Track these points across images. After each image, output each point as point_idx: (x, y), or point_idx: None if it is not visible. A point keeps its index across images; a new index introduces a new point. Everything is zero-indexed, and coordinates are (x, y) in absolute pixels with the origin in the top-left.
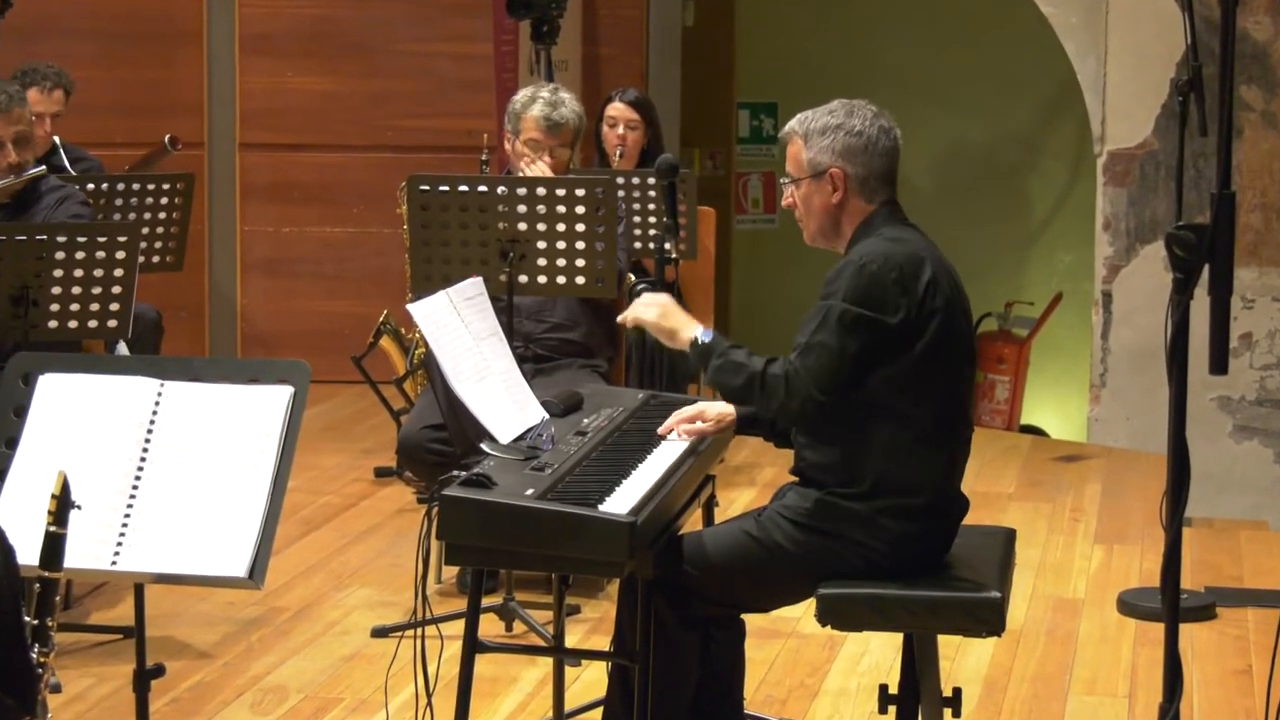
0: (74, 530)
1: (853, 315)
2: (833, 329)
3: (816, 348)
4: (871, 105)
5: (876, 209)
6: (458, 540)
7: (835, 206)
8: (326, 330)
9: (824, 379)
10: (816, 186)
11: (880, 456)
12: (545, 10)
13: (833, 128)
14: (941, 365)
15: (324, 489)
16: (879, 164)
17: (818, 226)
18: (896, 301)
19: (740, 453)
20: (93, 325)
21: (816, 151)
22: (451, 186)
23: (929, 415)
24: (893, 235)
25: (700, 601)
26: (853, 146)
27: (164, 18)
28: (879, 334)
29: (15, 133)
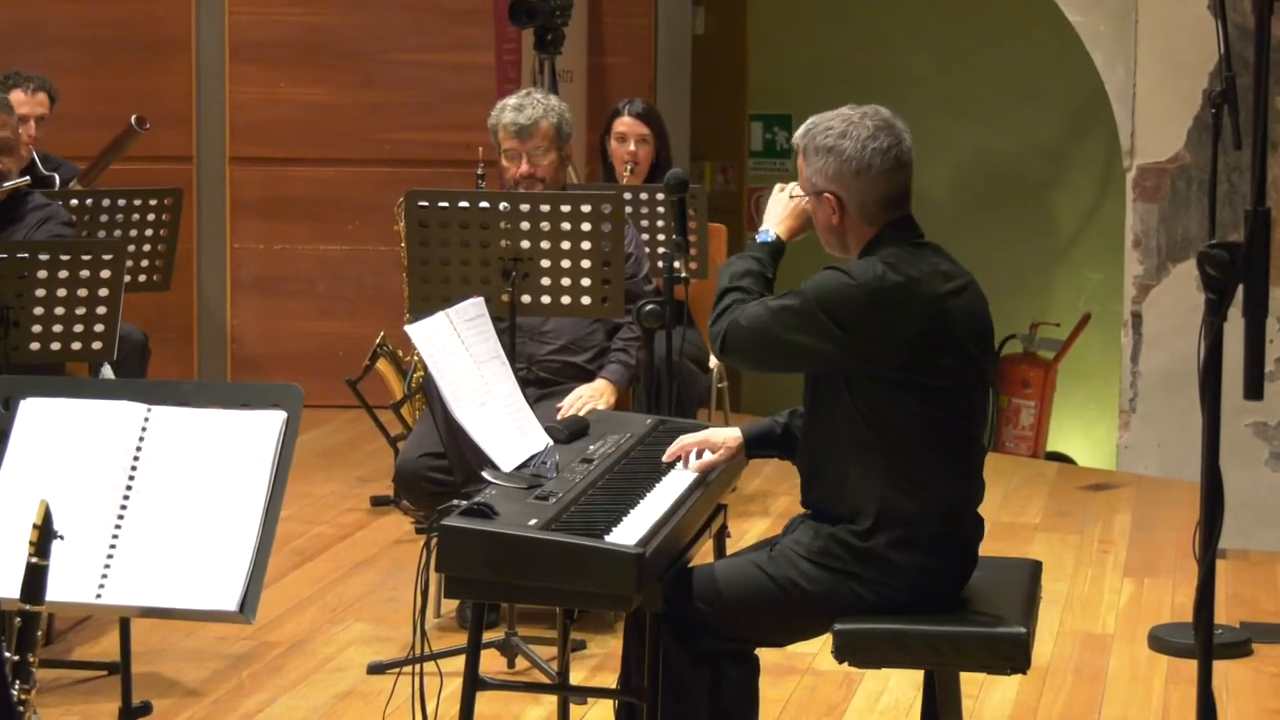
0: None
1: (808, 310)
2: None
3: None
4: (878, 117)
5: (881, 230)
6: (458, 572)
7: (837, 227)
8: (320, 352)
9: (742, 333)
10: (818, 205)
11: (880, 490)
12: (549, 18)
13: (825, 150)
14: (941, 396)
15: (318, 519)
16: (876, 188)
17: (826, 241)
18: (860, 327)
19: (753, 481)
20: (76, 347)
21: (813, 172)
22: (451, 202)
23: (934, 444)
24: (893, 260)
25: (711, 637)
26: (844, 172)
27: (150, 25)
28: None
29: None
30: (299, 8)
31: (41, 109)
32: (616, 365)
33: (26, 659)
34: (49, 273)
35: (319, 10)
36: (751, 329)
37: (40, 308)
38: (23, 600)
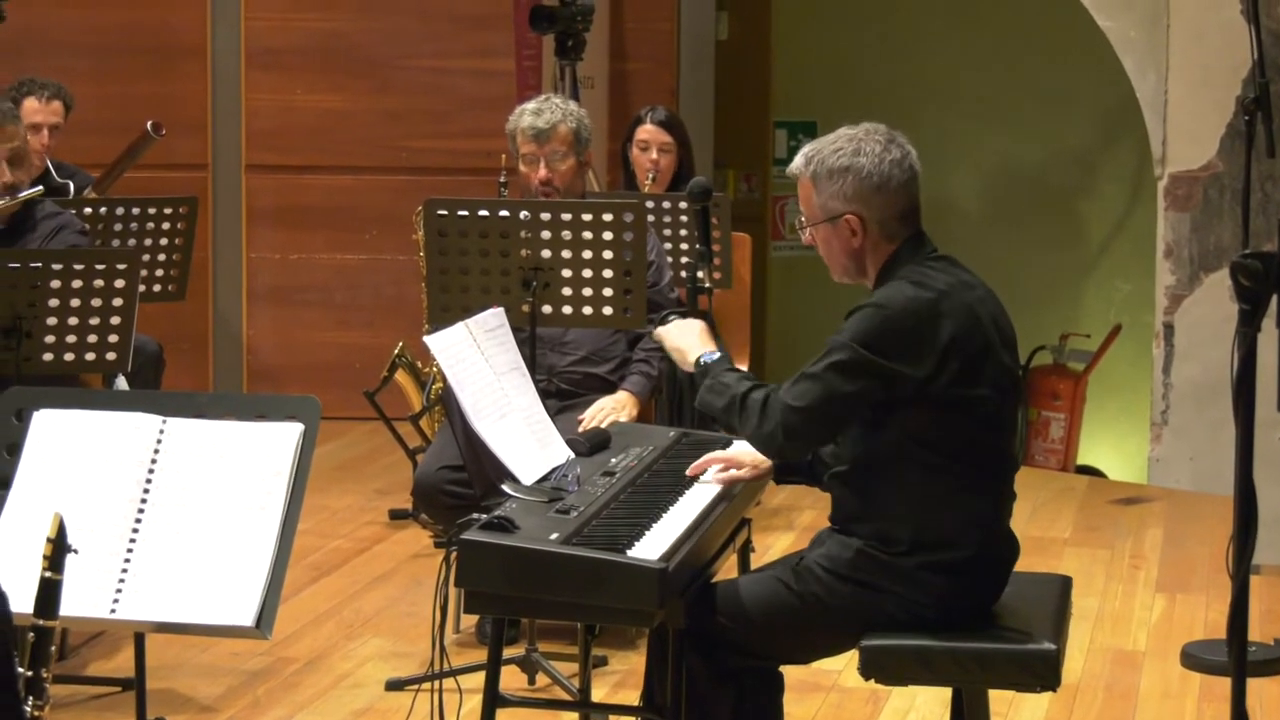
0: (71, 576)
1: (854, 356)
2: (829, 366)
3: (804, 380)
4: (880, 132)
5: (900, 246)
6: (478, 587)
7: (856, 250)
8: (338, 363)
9: (809, 415)
10: (833, 231)
11: (918, 510)
12: (570, 23)
13: (840, 170)
14: (975, 411)
15: (335, 532)
16: (896, 202)
17: (841, 267)
18: (908, 351)
19: (778, 495)
20: (90, 358)
21: (828, 197)
22: (471, 211)
23: (966, 463)
24: (917, 278)
25: (734, 653)
26: (864, 190)
27: (164, 31)
28: (882, 379)
29: (9, 150)
30: (315, 13)
31: (56, 117)
32: (638, 376)
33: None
34: (62, 283)
35: (335, 16)
36: (808, 404)
37: (54, 318)
38: (36, 615)
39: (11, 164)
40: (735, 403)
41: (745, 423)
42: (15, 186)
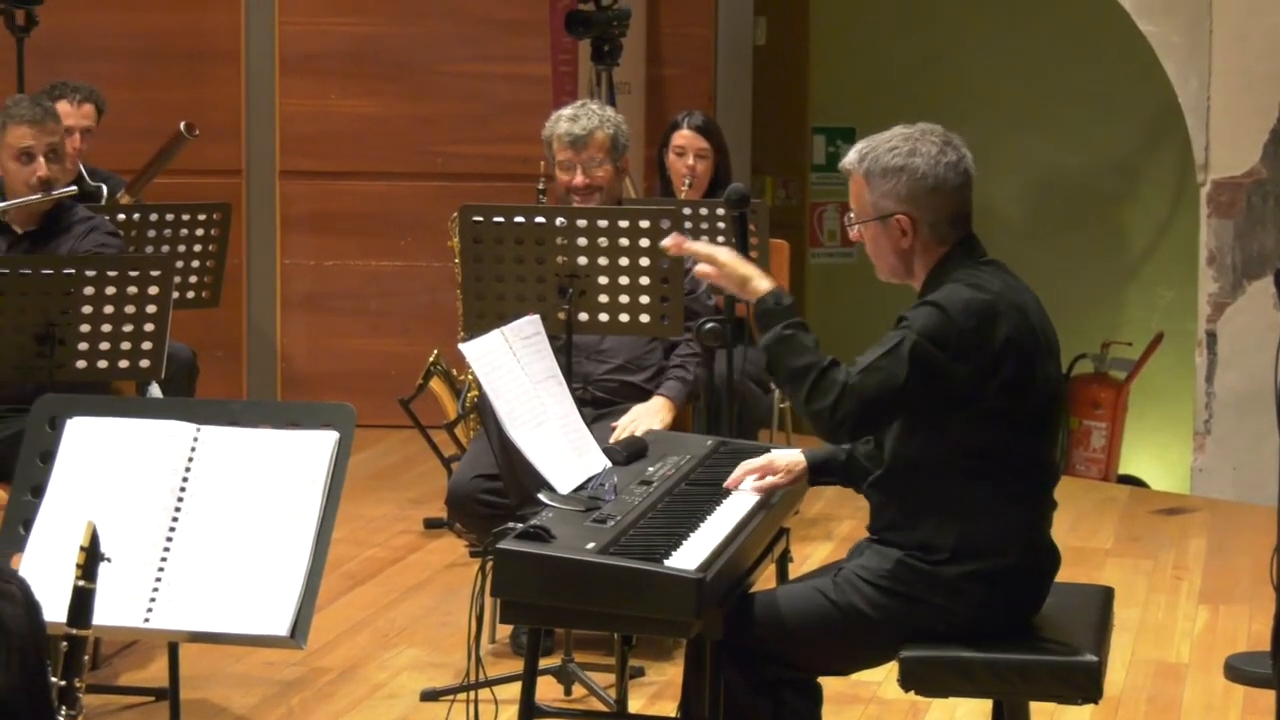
0: (104, 585)
1: (924, 351)
2: (902, 359)
3: (879, 371)
4: (937, 134)
5: (950, 249)
6: (514, 597)
7: (905, 250)
8: (372, 371)
9: (874, 405)
10: (883, 230)
11: (961, 518)
12: (606, 28)
13: (895, 170)
14: (1021, 420)
15: (370, 541)
16: (949, 205)
17: (888, 267)
18: (967, 352)
19: (815, 504)
20: (123, 365)
21: (880, 195)
22: (506, 217)
23: (1011, 471)
24: (972, 280)
25: (772, 664)
26: (918, 191)
27: (198, 36)
28: (940, 378)
29: (47, 145)
30: (350, 18)
31: (88, 121)
32: (674, 382)
33: (73, 684)
34: (96, 289)
35: (370, 21)
36: (876, 396)
37: (87, 325)
38: (69, 624)
39: (48, 160)
40: (813, 371)
41: (814, 398)
42: (51, 183)
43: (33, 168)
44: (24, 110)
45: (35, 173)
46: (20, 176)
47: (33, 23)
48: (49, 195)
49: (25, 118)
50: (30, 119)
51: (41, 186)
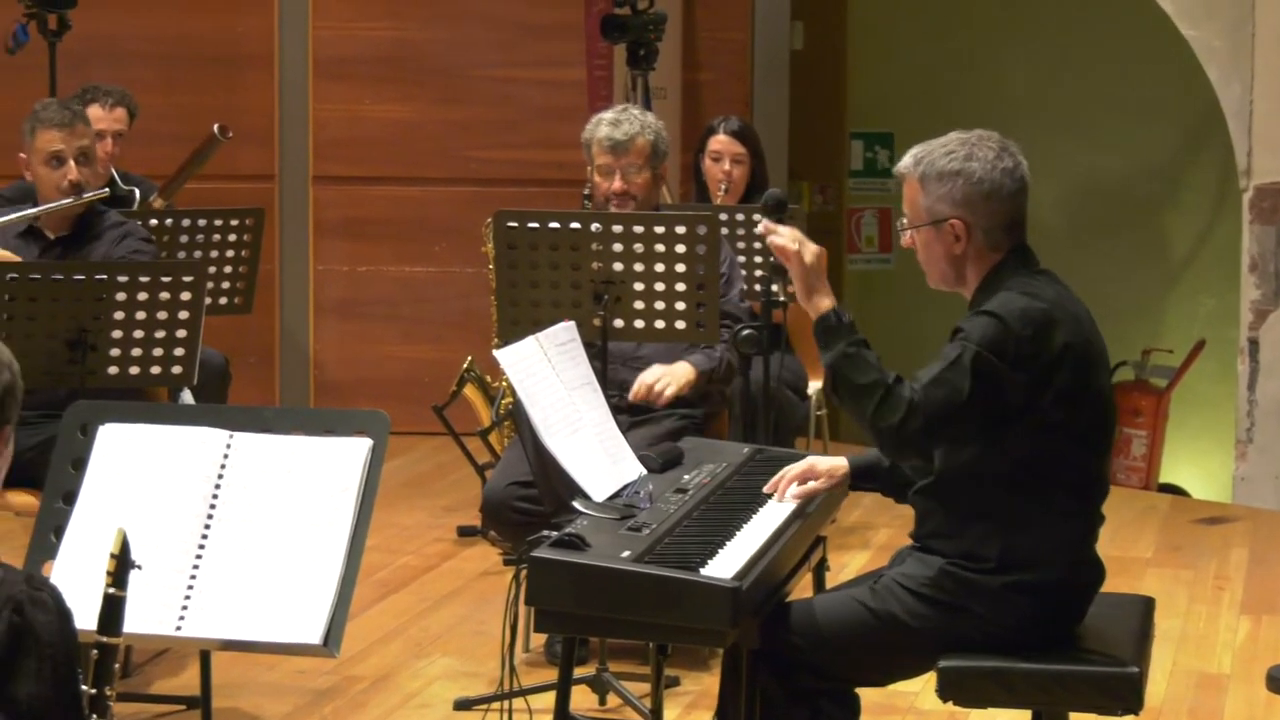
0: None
1: (985, 362)
2: (965, 371)
3: (943, 384)
4: (993, 139)
5: (1004, 257)
6: (548, 605)
7: (958, 256)
8: (405, 378)
9: (939, 419)
10: (936, 235)
11: (1009, 528)
12: (642, 33)
13: (950, 174)
14: (1074, 431)
15: (403, 549)
16: (1004, 211)
17: (939, 273)
18: (1024, 360)
19: (853, 513)
20: (155, 371)
21: (934, 199)
22: (541, 223)
23: (1062, 484)
24: (1026, 289)
25: (809, 674)
26: (973, 196)
27: (231, 40)
28: (1001, 389)
29: (78, 149)
30: (384, 22)
31: (120, 125)
32: (701, 356)
33: (103, 692)
34: (128, 295)
35: (404, 25)
36: (933, 402)
37: (119, 331)
38: (100, 631)
39: (79, 163)
40: (878, 388)
41: (881, 415)
42: (82, 186)
43: (63, 172)
44: (53, 114)
45: (66, 177)
46: (51, 181)
47: (65, 27)
48: (80, 199)
49: (54, 121)
50: (59, 122)
51: (72, 190)
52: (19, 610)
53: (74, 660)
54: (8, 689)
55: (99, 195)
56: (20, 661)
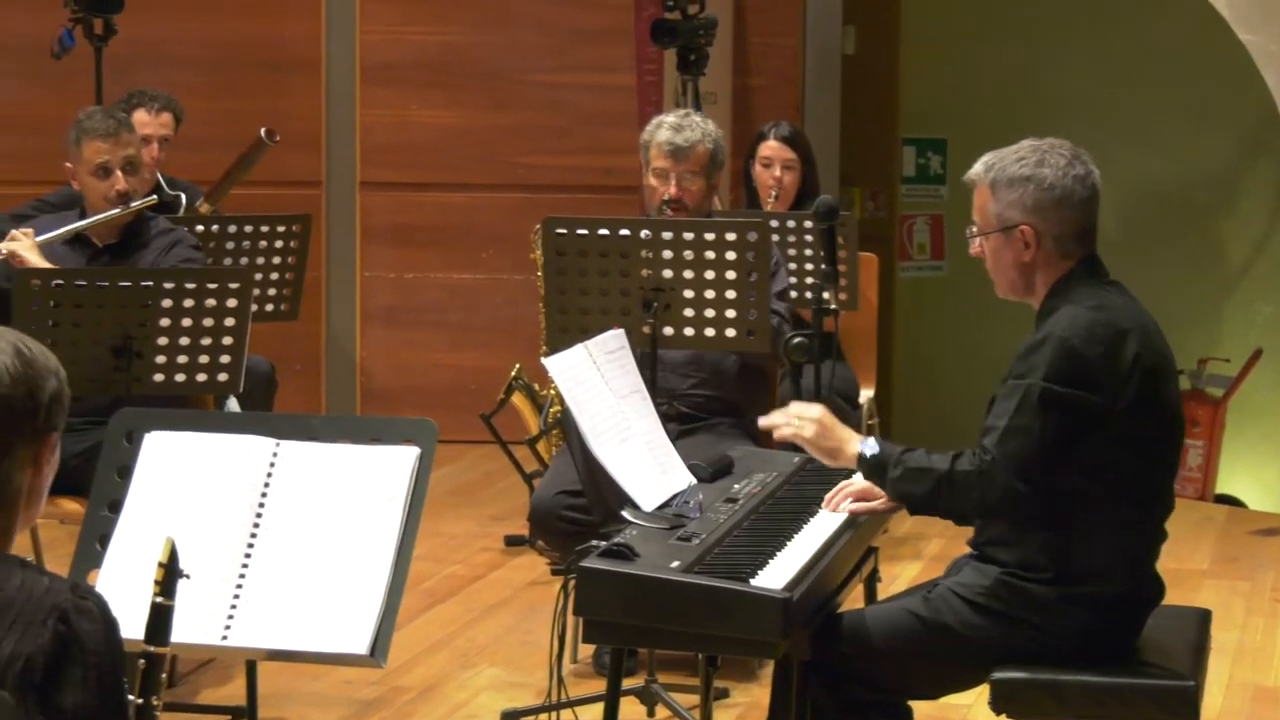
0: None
1: (1054, 395)
2: (1033, 410)
3: (1016, 432)
4: (1066, 147)
5: (1074, 266)
6: (597, 616)
7: (1027, 264)
8: (453, 385)
9: (1026, 467)
10: (1006, 242)
11: (1070, 540)
12: (692, 37)
13: (1022, 180)
14: (1142, 444)
15: (450, 558)
16: (1075, 219)
17: (1008, 282)
18: (1100, 380)
19: (905, 523)
20: (201, 379)
21: (1005, 205)
22: (590, 230)
23: (1126, 497)
24: (1095, 303)
25: (861, 686)
26: (1044, 202)
27: (278, 45)
28: (1081, 414)
29: (123, 158)
30: (431, 27)
31: (166, 129)
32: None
33: (150, 702)
34: (174, 302)
35: (452, 30)
36: (1026, 460)
37: (164, 338)
38: (147, 641)
39: (125, 173)
40: (942, 482)
41: (962, 499)
42: (129, 195)
43: (110, 182)
44: (97, 124)
45: (113, 187)
46: (99, 191)
47: (111, 32)
48: (129, 208)
49: (99, 132)
50: (104, 132)
51: (120, 200)
52: (65, 619)
53: (120, 670)
54: (54, 698)
55: (146, 204)
56: (66, 670)
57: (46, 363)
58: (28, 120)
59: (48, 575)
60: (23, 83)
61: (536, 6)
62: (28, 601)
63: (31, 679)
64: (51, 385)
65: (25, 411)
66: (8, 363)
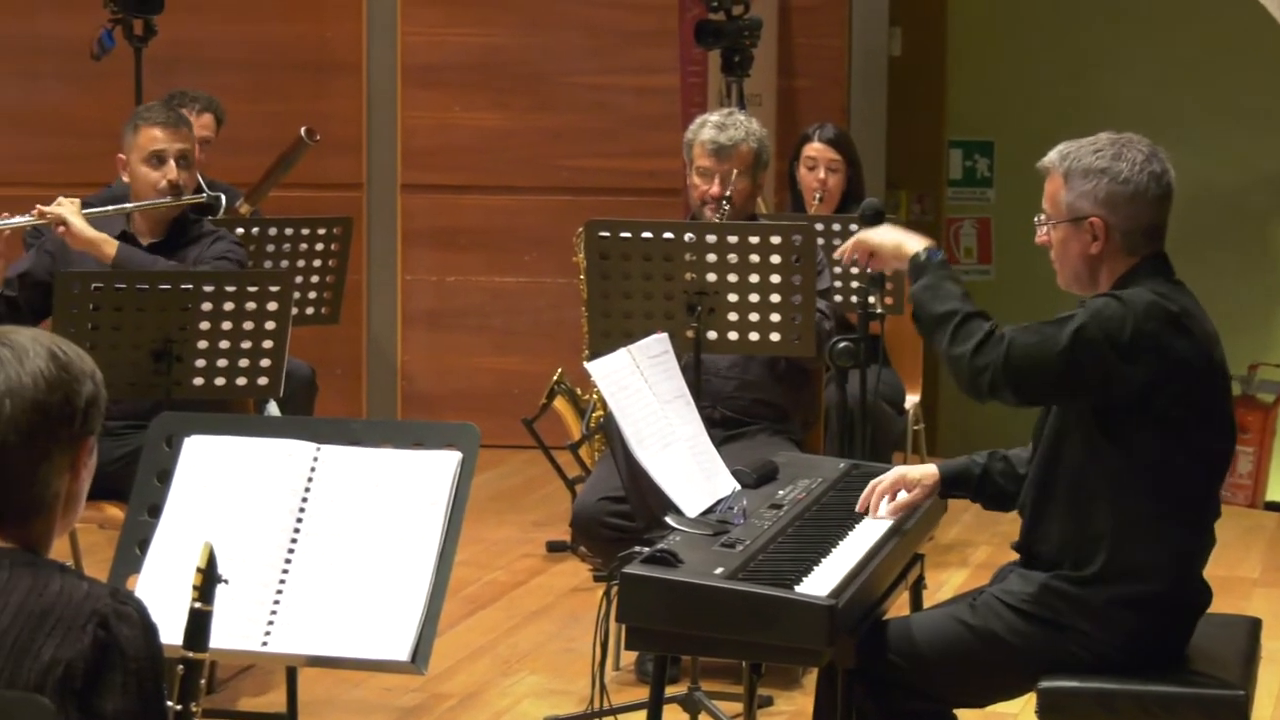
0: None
1: (1088, 332)
2: (1066, 334)
3: (1036, 333)
4: (1144, 143)
5: (1139, 263)
6: (639, 623)
7: (1094, 257)
8: (494, 390)
9: (1021, 365)
10: (1074, 232)
11: (1116, 538)
12: (737, 39)
13: (1097, 171)
14: (1191, 441)
15: (491, 564)
16: (1146, 215)
17: (1072, 273)
18: (1142, 352)
19: (951, 530)
20: (242, 383)
21: (1076, 195)
22: (634, 232)
23: (1174, 497)
24: (1161, 289)
25: (906, 694)
26: (1117, 195)
27: (320, 47)
28: (1105, 371)
29: (179, 150)
30: (474, 28)
31: (207, 131)
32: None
33: (189, 708)
34: (214, 305)
35: (494, 31)
36: (1035, 355)
37: (205, 341)
38: (185, 647)
39: (179, 165)
40: (955, 317)
41: (956, 342)
42: (180, 187)
43: (163, 171)
44: (157, 114)
45: (165, 176)
46: (150, 180)
47: (151, 32)
48: (178, 200)
49: (158, 120)
50: (163, 121)
51: (170, 191)
52: (104, 625)
53: (160, 675)
54: (94, 704)
55: (196, 199)
56: (106, 676)
57: (83, 366)
58: (67, 122)
59: (87, 580)
60: (62, 84)
61: (580, 8)
62: (67, 607)
63: (71, 685)
64: (88, 389)
65: (62, 417)
66: (43, 367)
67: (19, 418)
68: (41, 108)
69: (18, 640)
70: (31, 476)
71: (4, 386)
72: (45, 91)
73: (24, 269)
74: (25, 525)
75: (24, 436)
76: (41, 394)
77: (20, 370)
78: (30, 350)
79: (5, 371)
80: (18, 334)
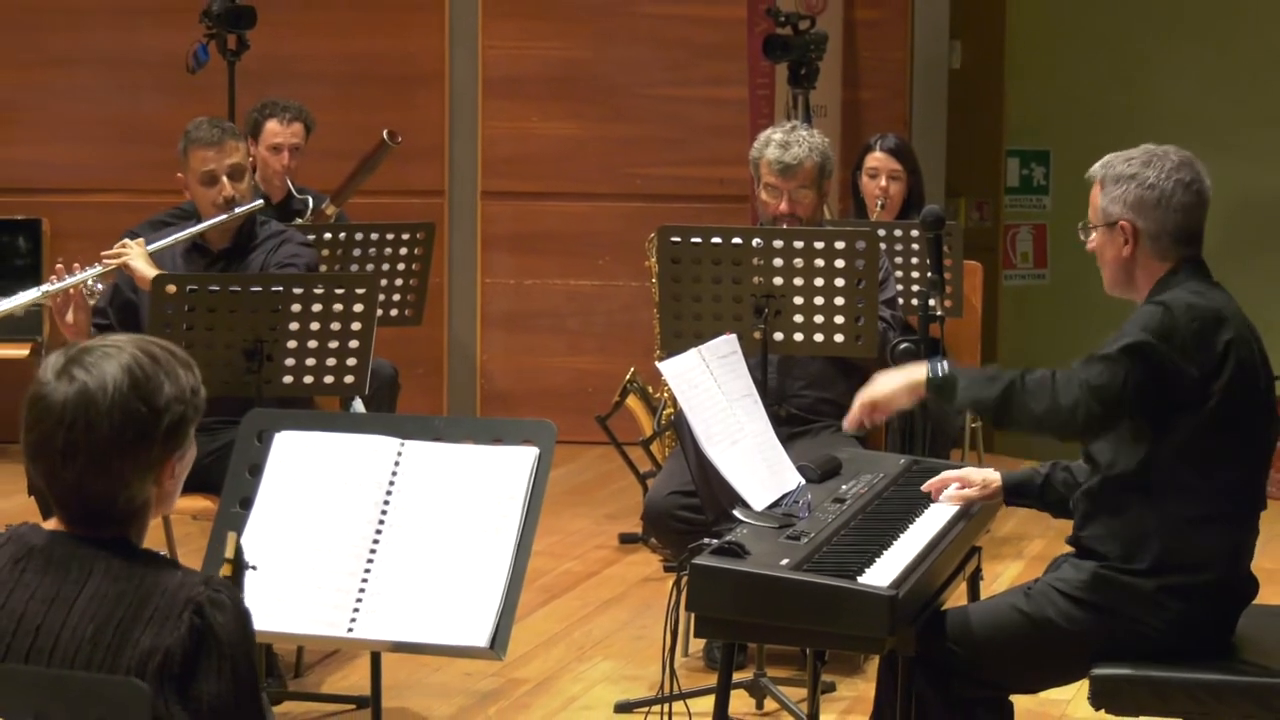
0: (308, 595)
1: (1145, 344)
2: (1122, 352)
3: (1099, 361)
4: (1179, 153)
5: (1173, 267)
6: (709, 612)
7: (1127, 259)
8: (570, 388)
9: (1101, 391)
10: (1109, 236)
11: (1166, 530)
12: (803, 52)
13: (1126, 177)
14: (1236, 434)
15: (566, 555)
16: (1173, 220)
17: (1112, 276)
18: (1192, 353)
19: (1007, 523)
20: (329, 381)
21: (1110, 200)
22: (704, 238)
23: (1221, 488)
24: (1197, 288)
25: (964, 681)
26: (1144, 200)
27: (404, 60)
28: (1165, 373)
29: (229, 165)
30: (552, 41)
31: (297, 139)
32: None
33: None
34: (302, 307)
35: (572, 45)
36: (1108, 383)
37: (293, 341)
38: None
39: (231, 179)
40: (1015, 387)
41: (1036, 401)
42: (235, 201)
43: (217, 189)
44: (204, 134)
45: (220, 193)
46: (207, 198)
47: (244, 47)
48: (234, 214)
49: (205, 141)
50: (209, 141)
51: (227, 206)
52: (199, 612)
53: (253, 659)
54: (191, 689)
55: (253, 208)
56: (202, 662)
57: (167, 385)
58: (165, 132)
59: (181, 569)
60: (160, 96)
61: (653, 23)
62: (164, 596)
63: (170, 670)
64: (173, 411)
65: (141, 439)
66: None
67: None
68: (141, 118)
69: (118, 629)
70: (114, 494)
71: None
72: (145, 103)
73: (110, 295)
74: (120, 524)
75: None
76: (116, 428)
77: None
78: (109, 380)
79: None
80: (106, 361)
